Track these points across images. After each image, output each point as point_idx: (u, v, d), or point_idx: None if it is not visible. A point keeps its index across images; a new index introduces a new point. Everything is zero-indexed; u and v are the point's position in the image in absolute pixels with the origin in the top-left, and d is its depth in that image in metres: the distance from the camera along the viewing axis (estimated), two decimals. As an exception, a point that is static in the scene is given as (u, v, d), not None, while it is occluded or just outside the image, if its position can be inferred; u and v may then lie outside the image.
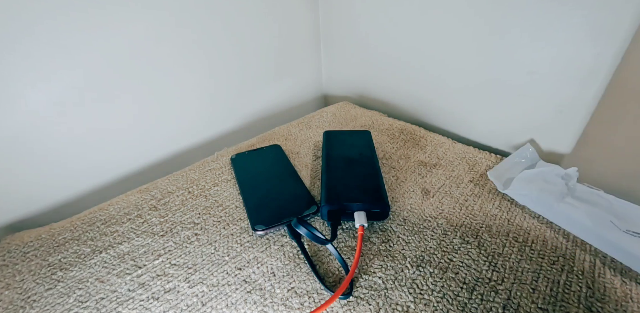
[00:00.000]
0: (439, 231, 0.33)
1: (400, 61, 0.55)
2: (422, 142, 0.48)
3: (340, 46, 0.64)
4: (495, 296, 0.27)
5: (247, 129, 0.62)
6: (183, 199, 0.38)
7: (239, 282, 0.29)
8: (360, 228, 0.31)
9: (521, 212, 0.35)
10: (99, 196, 0.47)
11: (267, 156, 0.45)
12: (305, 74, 0.69)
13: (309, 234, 0.29)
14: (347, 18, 0.59)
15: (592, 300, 0.26)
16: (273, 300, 0.27)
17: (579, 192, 0.37)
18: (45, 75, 0.37)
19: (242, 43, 0.54)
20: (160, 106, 0.49)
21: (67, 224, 0.36)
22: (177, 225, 0.35)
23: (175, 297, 0.28)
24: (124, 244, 0.33)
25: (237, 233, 0.34)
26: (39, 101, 0.38)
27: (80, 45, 0.38)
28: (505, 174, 0.40)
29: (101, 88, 0.42)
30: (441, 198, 0.37)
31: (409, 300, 0.27)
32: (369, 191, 0.34)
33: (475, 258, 0.30)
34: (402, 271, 0.29)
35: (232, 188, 0.40)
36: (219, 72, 0.54)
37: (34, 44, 0.36)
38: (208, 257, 0.31)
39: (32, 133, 0.39)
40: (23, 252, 0.33)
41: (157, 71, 0.46)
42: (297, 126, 0.55)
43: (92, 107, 0.42)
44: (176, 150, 0.54)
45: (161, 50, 0.45)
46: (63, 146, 0.42)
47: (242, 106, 0.60)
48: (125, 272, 0.30)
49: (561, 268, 0.29)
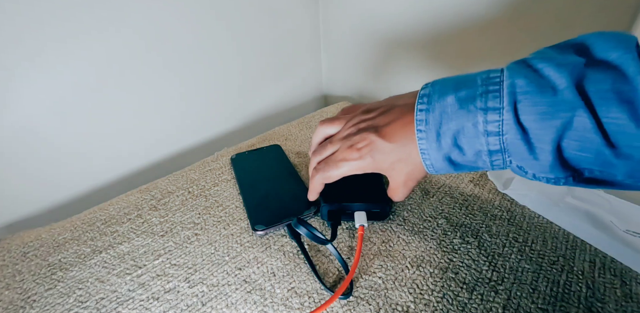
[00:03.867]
0: (439, 231, 0.33)
1: (400, 61, 0.55)
2: (422, 142, 0.48)
3: (340, 46, 0.64)
4: (495, 296, 0.27)
5: (247, 129, 0.62)
6: (183, 199, 0.38)
7: (239, 282, 0.29)
8: (361, 228, 0.31)
9: (521, 212, 0.35)
10: (99, 196, 0.47)
11: (267, 156, 0.45)
12: (305, 74, 0.69)
13: (308, 234, 0.29)
14: (347, 18, 0.59)
15: (592, 300, 0.26)
16: (273, 300, 0.27)
17: (579, 192, 0.37)
18: (46, 75, 0.37)
19: (243, 43, 0.54)
20: (160, 106, 0.49)
21: (67, 224, 0.36)
22: (177, 225, 0.35)
23: (175, 297, 0.28)
24: (124, 244, 0.33)
25: (237, 233, 0.34)
26: (39, 101, 0.38)
27: (81, 45, 0.38)
28: (505, 174, 0.40)
29: (101, 88, 0.42)
30: (441, 198, 0.37)
31: (409, 300, 0.27)
32: (370, 191, 0.34)
33: (475, 258, 0.30)
34: (402, 272, 0.29)
35: (232, 188, 0.40)
36: (219, 72, 0.54)
37: (34, 43, 0.36)
38: (208, 257, 0.31)
39: (32, 133, 0.39)
40: (23, 252, 0.33)
41: (157, 71, 0.46)
42: (297, 126, 0.55)
43: (92, 108, 0.42)
44: (176, 150, 0.54)
45: (161, 50, 0.45)
46: (63, 146, 0.42)
47: (242, 106, 0.60)
48: (125, 272, 0.30)
49: (561, 268, 0.29)
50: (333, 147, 0.30)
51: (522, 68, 0.20)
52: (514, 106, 0.20)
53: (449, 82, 0.23)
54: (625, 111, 0.16)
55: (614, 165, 0.18)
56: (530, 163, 0.21)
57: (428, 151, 0.24)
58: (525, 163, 0.21)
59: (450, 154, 0.23)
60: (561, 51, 0.20)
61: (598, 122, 0.17)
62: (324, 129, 0.32)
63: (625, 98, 0.17)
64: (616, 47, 0.18)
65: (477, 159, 0.23)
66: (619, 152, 0.18)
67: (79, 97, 0.41)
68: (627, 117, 0.16)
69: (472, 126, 0.21)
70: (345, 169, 0.28)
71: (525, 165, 0.21)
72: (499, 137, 0.21)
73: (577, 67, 0.18)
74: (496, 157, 0.22)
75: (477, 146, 0.22)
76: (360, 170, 0.28)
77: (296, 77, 0.67)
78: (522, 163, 0.21)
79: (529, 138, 0.20)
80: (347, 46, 0.63)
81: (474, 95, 0.21)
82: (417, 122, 0.24)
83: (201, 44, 0.49)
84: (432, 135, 0.23)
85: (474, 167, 0.24)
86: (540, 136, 0.19)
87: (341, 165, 0.28)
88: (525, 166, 0.21)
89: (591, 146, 0.18)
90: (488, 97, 0.20)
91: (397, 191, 0.29)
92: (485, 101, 0.20)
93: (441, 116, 0.22)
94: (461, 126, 0.22)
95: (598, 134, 0.18)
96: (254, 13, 0.53)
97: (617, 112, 0.17)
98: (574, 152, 0.19)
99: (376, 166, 0.27)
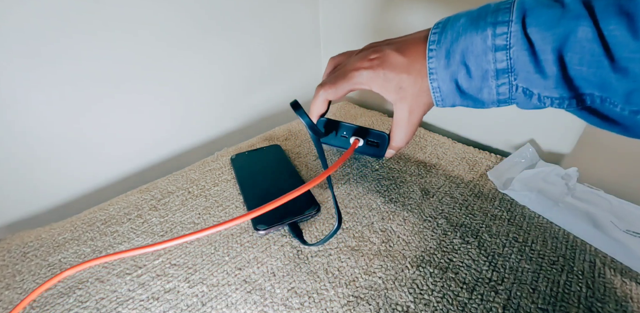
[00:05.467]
0: (439, 231, 0.33)
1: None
2: (422, 142, 0.48)
3: (340, 46, 0.64)
4: (495, 296, 0.27)
5: (247, 129, 0.62)
6: (183, 199, 0.38)
7: (239, 282, 0.29)
8: (356, 141, 0.32)
9: (521, 212, 0.35)
10: (99, 196, 0.47)
11: (267, 156, 0.45)
12: (305, 74, 0.69)
13: (309, 121, 0.29)
14: (347, 18, 0.59)
15: (592, 300, 0.26)
16: (273, 300, 0.27)
17: (579, 192, 0.37)
18: (46, 76, 0.37)
19: (242, 43, 0.54)
20: (160, 106, 0.49)
21: (67, 224, 0.36)
22: (177, 225, 0.35)
23: (175, 297, 0.28)
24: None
25: (237, 233, 0.34)
26: (39, 102, 0.38)
27: (81, 45, 0.38)
28: (505, 174, 0.40)
29: (101, 89, 0.42)
30: (441, 198, 0.37)
31: (409, 300, 0.27)
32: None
33: (475, 258, 0.30)
34: (402, 272, 0.29)
35: (232, 188, 0.40)
36: (219, 72, 0.54)
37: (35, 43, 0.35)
38: (208, 257, 0.31)
39: (32, 133, 0.39)
40: (23, 252, 0.33)
41: (157, 72, 0.46)
42: (297, 126, 0.55)
43: (92, 108, 0.42)
44: (176, 150, 0.54)
45: (161, 50, 0.45)
46: (63, 146, 0.42)
47: (242, 106, 0.60)
48: (125, 272, 0.30)
49: (561, 268, 0.29)
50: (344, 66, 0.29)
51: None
52: (523, 19, 0.20)
53: (464, 11, 0.24)
54: (624, 22, 0.17)
55: (612, 85, 0.19)
56: (535, 79, 0.21)
57: (436, 70, 0.24)
58: (530, 81, 0.21)
59: (457, 74, 0.24)
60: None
61: (600, 33, 0.18)
62: (336, 58, 0.32)
63: (625, 10, 0.17)
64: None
65: (482, 85, 0.23)
66: (617, 66, 0.18)
67: (79, 97, 0.41)
68: (625, 28, 0.17)
69: (481, 41, 0.22)
70: (353, 80, 0.27)
71: (531, 84, 0.22)
72: (507, 51, 0.21)
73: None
74: (502, 80, 0.22)
75: (484, 65, 0.22)
76: (368, 83, 0.27)
77: (296, 77, 0.67)
78: (527, 83, 0.22)
79: (535, 49, 0.20)
80: (347, 45, 0.63)
81: (486, 13, 0.22)
82: (430, 42, 0.24)
83: (201, 44, 0.49)
84: (441, 53, 0.24)
85: (480, 100, 0.24)
86: (544, 45, 0.20)
87: (350, 75, 0.27)
88: (530, 86, 0.22)
89: (592, 58, 0.19)
90: (499, 13, 0.21)
91: (400, 127, 0.28)
92: (496, 16, 0.21)
93: (452, 36, 0.23)
94: (470, 41, 0.22)
95: (599, 44, 0.18)
96: (254, 13, 0.53)
97: (616, 23, 0.17)
98: (576, 68, 0.20)
99: (384, 83, 0.27)
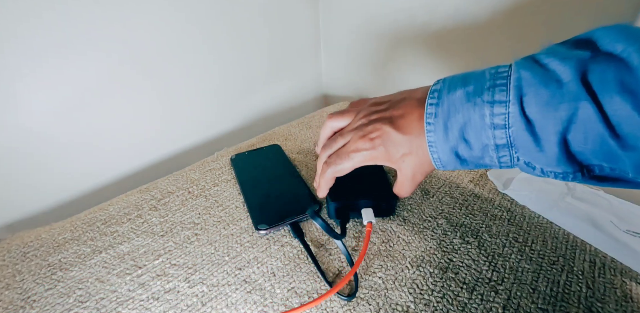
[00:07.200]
0: (439, 231, 0.33)
1: (400, 61, 0.55)
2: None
3: (340, 45, 0.64)
4: (495, 296, 0.27)
5: (247, 129, 0.62)
6: (183, 199, 0.38)
7: (239, 282, 0.29)
8: (369, 224, 0.31)
9: (521, 212, 0.35)
10: (99, 196, 0.47)
11: (267, 156, 0.45)
12: (305, 74, 0.69)
13: (324, 225, 0.28)
14: (347, 18, 0.59)
15: (592, 300, 0.26)
16: (273, 300, 0.27)
17: (579, 192, 0.37)
18: (46, 76, 0.37)
19: (242, 43, 0.54)
20: (160, 106, 0.49)
21: (67, 224, 0.36)
22: (177, 225, 0.35)
23: (175, 297, 0.28)
24: (124, 244, 0.33)
25: (237, 233, 0.34)
26: (39, 102, 0.38)
27: (81, 45, 0.38)
28: (505, 174, 0.40)
29: (101, 89, 0.42)
30: (441, 198, 0.37)
31: (409, 300, 0.27)
32: (375, 187, 0.34)
33: (475, 258, 0.30)
34: (402, 272, 0.29)
35: (232, 188, 0.40)
36: (219, 72, 0.54)
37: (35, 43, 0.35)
38: (208, 257, 0.31)
39: (32, 133, 0.39)
40: (23, 252, 0.33)
41: (157, 72, 0.46)
42: (297, 126, 0.55)
43: (92, 108, 0.42)
44: (176, 150, 0.54)
45: (160, 51, 0.45)
46: (63, 146, 0.42)
47: (242, 106, 0.60)
48: (125, 272, 0.30)
49: (561, 268, 0.29)
50: (344, 139, 0.30)
51: (529, 63, 0.21)
52: (520, 99, 0.20)
53: (459, 77, 0.24)
54: (629, 101, 0.17)
55: (620, 158, 0.18)
56: (537, 156, 0.21)
57: (436, 143, 0.24)
58: (532, 157, 0.21)
59: (457, 147, 0.24)
60: (568, 46, 0.21)
61: (602, 113, 0.18)
62: (333, 123, 0.32)
63: (629, 88, 0.17)
64: (621, 40, 0.18)
65: (484, 155, 0.23)
66: (624, 143, 0.18)
67: (79, 97, 0.41)
68: (631, 107, 0.17)
69: (479, 119, 0.21)
70: (357, 159, 0.28)
71: (533, 160, 0.21)
72: (506, 130, 0.21)
73: (582, 60, 0.19)
74: (503, 153, 0.22)
75: (483, 140, 0.22)
76: (372, 161, 0.28)
77: (296, 77, 0.67)
78: (529, 158, 0.21)
79: (534, 130, 0.20)
80: (346, 45, 0.63)
81: (482, 88, 0.21)
82: (427, 115, 0.24)
83: (201, 44, 0.49)
84: (440, 127, 0.24)
85: (481, 164, 0.24)
86: (545, 127, 0.19)
87: (353, 156, 0.28)
88: (532, 160, 0.21)
89: (596, 138, 0.18)
90: (495, 91, 0.21)
91: (404, 185, 0.29)
92: (492, 94, 0.21)
93: (449, 109, 0.23)
94: (468, 118, 0.22)
95: (603, 124, 0.18)
96: (254, 13, 0.53)
97: (620, 102, 0.17)
98: (580, 146, 0.19)
99: (387, 158, 0.27)
